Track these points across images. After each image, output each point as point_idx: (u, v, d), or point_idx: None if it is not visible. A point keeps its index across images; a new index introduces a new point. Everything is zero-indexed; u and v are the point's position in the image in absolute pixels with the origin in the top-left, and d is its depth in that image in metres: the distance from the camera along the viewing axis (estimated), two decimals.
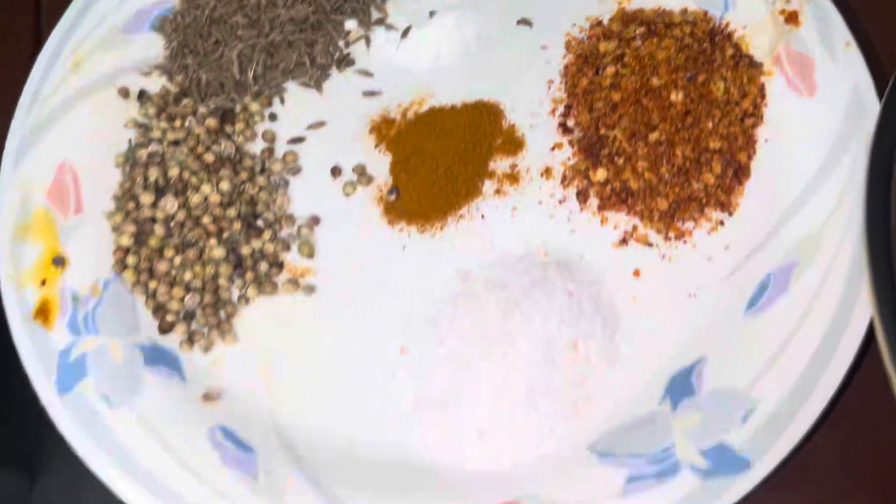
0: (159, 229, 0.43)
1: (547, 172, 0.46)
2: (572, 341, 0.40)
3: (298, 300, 0.43)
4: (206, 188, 0.44)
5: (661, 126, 0.44)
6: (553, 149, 0.46)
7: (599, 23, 0.49)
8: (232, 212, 0.44)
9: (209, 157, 0.45)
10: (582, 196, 0.45)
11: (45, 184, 0.44)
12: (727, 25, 0.47)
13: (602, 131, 0.45)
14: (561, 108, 0.47)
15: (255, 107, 0.48)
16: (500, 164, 0.46)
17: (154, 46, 0.49)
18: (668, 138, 0.44)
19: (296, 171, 0.46)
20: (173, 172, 0.44)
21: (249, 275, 0.44)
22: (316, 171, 0.47)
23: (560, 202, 0.45)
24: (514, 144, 0.46)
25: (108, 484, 0.37)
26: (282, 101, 0.49)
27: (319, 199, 0.46)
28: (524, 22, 0.49)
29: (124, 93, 0.47)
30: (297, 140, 0.47)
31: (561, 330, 0.40)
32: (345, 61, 0.49)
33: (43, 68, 0.46)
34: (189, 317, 0.43)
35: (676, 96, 0.44)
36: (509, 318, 0.40)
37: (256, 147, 0.47)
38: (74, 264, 0.43)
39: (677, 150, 0.44)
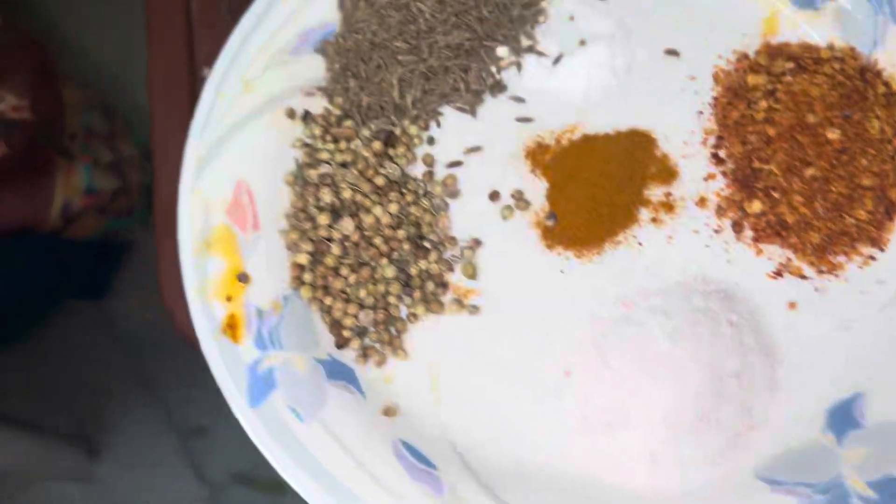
0: (336, 249, 0.45)
1: (701, 202, 0.47)
2: (736, 370, 0.42)
3: (464, 319, 0.46)
4: (377, 210, 0.46)
5: (817, 162, 0.46)
6: (706, 179, 0.48)
7: (745, 56, 0.50)
8: (401, 233, 0.46)
9: (379, 181, 0.47)
10: (737, 227, 0.46)
11: (224, 201, 0.46)
12: (876, 63, 0.48)
13: (756, 164, 0.47)
14: (713, 139, 0.49)
15: (413, 130, 0.50)
16: (654, 193, 0.48)
17: (317, 68, 0.51)
18: (824, 174, 0.45)
19: (455, 194, 0.48)
20: (346, 195, 0.47)
21: (417, 293, 0.46)
22: (474, 195, 0.49)
23: (716, 232, 0.47)
24: (668, 173, 0.48)
25: (306, 496, 0.39)
26: (438, 125, 0.50)
27: (478, 222, 0.48)
28: (671, 52, 0.51)
29: (290, 113, 0.49)
30: (455, 164, 0.49)
31: (726, 359, 0.42)
32: (498, 87, 0.51)
33: (215, 89, 0.48)
34: (362, 333, 0.45)
35: (833, 134, 0.46)
36: (676, 345, 0.42)
37: (417, 170, 0.49)
38: (255, 280, 0.45)
39: (832, 186, 0.45)
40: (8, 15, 0.95)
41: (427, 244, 0.47)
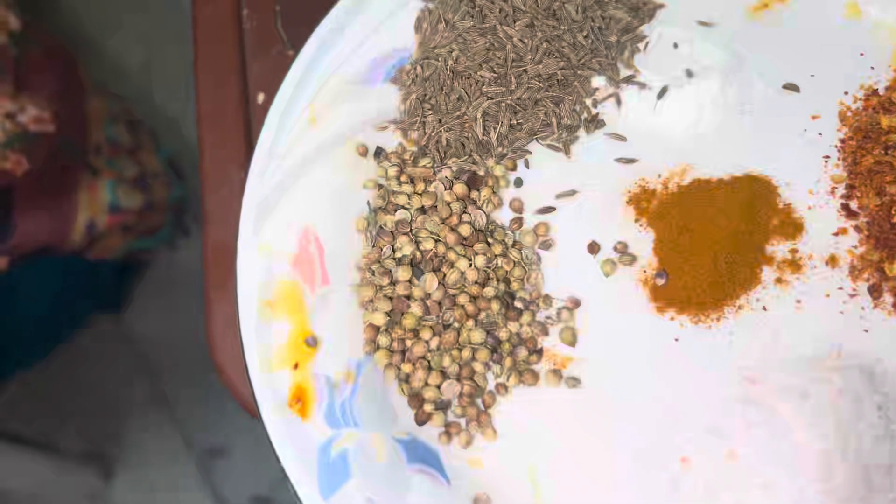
0: (416, 308, 0.40)
1: (832, 260, 0.41)
2: (888, 463, 0.36)
3: (562, 393, 0.40)
4: (462, 264, 0.40)
5: None
6: (837, 234, 0.42)
7: (875, 91, 0.44)
8: (489, 290, 0.40)
9: (465, 230, 0.41)
10: (875, 291, 0.40)
11: (289, 251, 0.41)
12: None
13: None
14: (842, 189, 0.43)
15: (499, 170, 0.44)
16: (778, 249, 0.42)
17: (390, 99, 0.45)
18: None
19: (548, 245, 0.43)
20: (427, 245, 0.41)
21: (508, 361, 0.40)
22: (570, 246, 0.43)
23: (850, 296, 0.41)
24: (792, 227, 0.42)
25: None
26: (527, 164, 0.45)
27: (576, 278, 0.42)
28: (791, 87, 0.45)
29: (362, 150, 0.44)
30: (547, 210, 0.43)
31: (874, 450, 0.36)
32: (594, 122, 0.45)
33: (276, 124, 0.43)
34: (445, 407, 0.39)
35: None
36: (815, 434, 0.36)
37: (503, 216, 0.43)
38: (324, 344, 0.39)
39: None
40: (34, 17, 0.89)
41: (518, 304, 0.41)
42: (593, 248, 0.42)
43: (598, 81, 0.46)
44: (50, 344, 0.99)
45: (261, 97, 0.49)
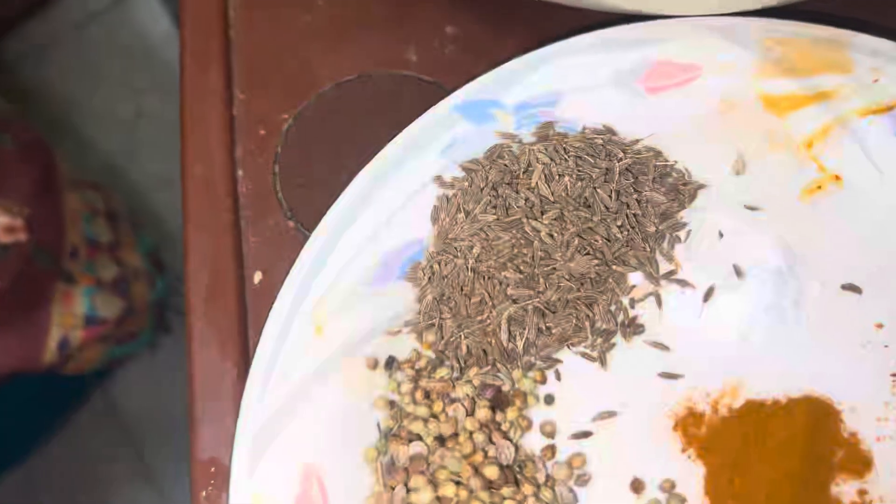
0: None
1: None
2: None
3: None
4: None
5: None
6: None
7: None
8: None
9: (491, 472, 0.36)
10: None
11: (289, 497, 0.35)
12: None
13: None
14: None
15: (527, 384, 0.39)
16: (843, 490, 0.37)
17: (404, 299, 0.40)
18: None
19: (586, 480, 0.37)
20: (447, 492, 0.35)
21: None
22: (608, 480, 0.38)
23: None
24: (860, 462, 0.37)
25: None
26: (558, 376, 0.40)
27: None
28: (851, 288, 0.40)
29: (372, 364, 0.38)
30: (583, 435, 0.38)
31: None
32: (632, 326, 0.40)
33: (275, 337, 0.37)
34: None
35: None
36: None
37: (531, 441, 0.38)
38: None
39: None
40: (14, 106, 0.84)
41: None
42: (637, 486, 0.37)
43: (635, 278, 0.41)
44: (27, 450, 0.94)
45: (258, 277, 0.44)
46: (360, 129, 0.47)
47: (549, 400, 0.39)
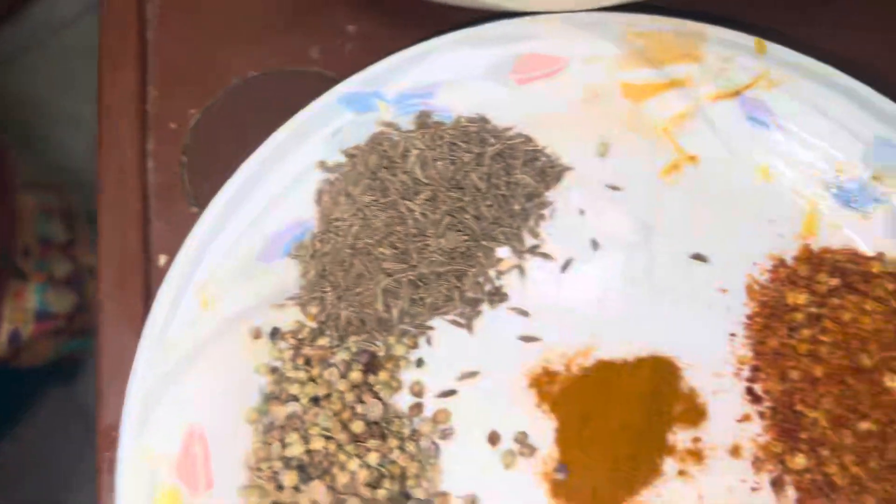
0: None
1: (735, 451, 0.40)
2: None
3: None
4: (353, 464, 0.39)
5: (873, 414, 0.39)
6: (741, 420, 0.41)
7: (782, 262, 0.44)
8: (382, 492, 0.39)
9: (357, 427, 0.40)
10: (777, 485, 0.40)
11: (172, 456, 0.39)
12: None
13: (799, 408, 0.40)
14: (747, 371, 0.42)
15: (400, 349, 0.43)
16: (680, 437, 0.41)
17: (289, 276, 0.44)
18: (881, 429, 0.39)
19: (448, 434, 0.41)
20: (316, 445, 0.39)
21: None
22: (470, 435, 0.41)
23: (753, 490, 0.40)
24: (696, 413, 0.41)
25: None
26: (429, 342, 0.43)
27: (474, 472, 0.41)
28: (698, 257, 0.44)
29: (256, 333, 0.42)
30: (449, 393, 0.42)
31: None
32: (497, 296, 0.44)
33: (166, 310, 0.41)
34: None
35: (892, 382, 0.39)
36: None
37: (403, 401, 0.42)
38: None
39: (890, 444, 0.39)
40: None
41: None
42: (493, 438, 0.41)
43: (502, 252, 0.45)
44: None
45: (162, 259, 0.47)
46: (264, 122, 0.50)
47: (420, 363, 0.43)
